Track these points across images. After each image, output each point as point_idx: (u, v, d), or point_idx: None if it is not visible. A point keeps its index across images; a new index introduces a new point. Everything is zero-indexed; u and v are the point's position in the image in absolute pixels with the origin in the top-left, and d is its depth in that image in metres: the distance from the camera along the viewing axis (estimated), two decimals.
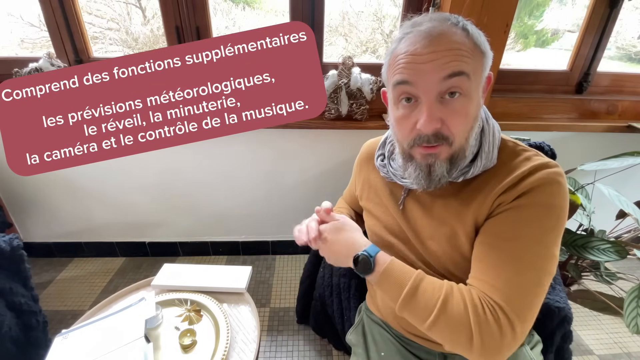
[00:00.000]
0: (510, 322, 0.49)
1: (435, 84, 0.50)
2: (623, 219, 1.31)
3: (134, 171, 1.52)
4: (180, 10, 1.27)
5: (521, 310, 0.50)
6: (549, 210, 0.52)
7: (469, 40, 0.51)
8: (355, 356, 0.80)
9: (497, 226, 0.55)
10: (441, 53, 0.49)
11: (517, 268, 0.51)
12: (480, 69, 0.52)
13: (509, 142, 0.60)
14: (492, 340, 0.49)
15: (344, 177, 0.99)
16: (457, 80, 0.50)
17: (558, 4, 1.63)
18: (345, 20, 1.58)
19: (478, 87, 0.53)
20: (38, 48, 1.51)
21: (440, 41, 0.49)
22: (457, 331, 0.51)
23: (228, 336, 0.77)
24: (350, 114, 1.37)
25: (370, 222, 0.75)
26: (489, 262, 0.54)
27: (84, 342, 0.73)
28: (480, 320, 0.49)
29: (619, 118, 1.54)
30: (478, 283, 0.54)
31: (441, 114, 0.52)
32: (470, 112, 0.53)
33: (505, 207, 0.54)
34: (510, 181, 0.54)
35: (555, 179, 0.53)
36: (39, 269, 1.62)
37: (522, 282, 0.51)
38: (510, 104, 1.48)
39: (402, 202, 0.67)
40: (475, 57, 0.51)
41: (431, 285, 0.54)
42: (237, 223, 1.69)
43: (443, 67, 0.49)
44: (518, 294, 0.50)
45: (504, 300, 0.50)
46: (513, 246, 0.52)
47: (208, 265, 0.99)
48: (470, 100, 0.52)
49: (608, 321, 1.42)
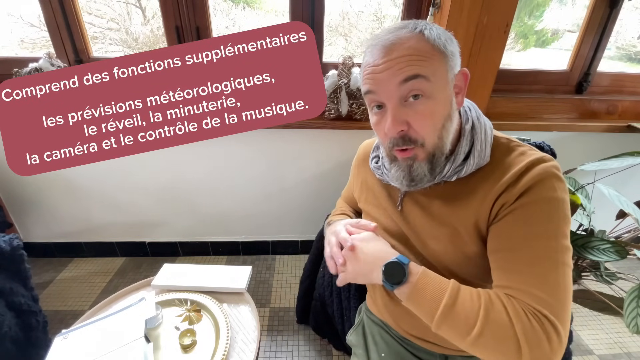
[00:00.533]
0: (554, 327, 0.47)
1: (394, 90, 0.53)
2: (623, 219, 1.31)
3: (134, 171, 1.52)
4: (180, 10, 1.27)
5: (561, 311, 0.48)
6: (553, 204, 0.52)
7: (424, 43, 0.52)
8: (356, 357, 0.80)
9: (508, 229, 0.53)
10: (395, 61, 0.52)
11: (543, 268, 0.50)
12: (442, 69, 0.54)
13: (501, 138, 0.60)
14: (540, 348, 0.46)
15: (343, 177, 0.99)
16: (414, 83, 0.52)
17: (558, 4, 1.63)
18: (345, 20, 1.58)
19: (444, 87, 0.54)
20: (38, 48, 1.51)
21: (394, 50, 0.53)
22: (503, 343, 0.47)
23: (228, 336, 0.77)
24: (350, 114, 1.37)
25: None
26: (513, 269, 0.52)
27: (84, 342, 0.73)
28: (526, 328, 0.47)
29: (619, 118, 1.54)
30: (509, 291, 0.51)
31: (406, 117, 0.54)
32: (435, 112, 0.54)
33: (510, 207, 0.53)
34: (509, 179, 0.54)
35: (554, 173, 0.53)
36: (39, 269, 1.62)
37: (552, 282, 0.49)
38: (510, 104, 1.48)
39: (400, 203, 0.67)
40: (433, 59, 0.52)
41: (469, 295, 0.51)
42: (237, 223, 1.69)
43: (397, 73, 0.52)
44: (553, 294, 0.49)
45: (542, 304, 0.48)
46: (533, 246, 0.51)
47: (208, 265, 0.99)
48: (434, 101, 0.53)
49: (608, 321, 1.42)
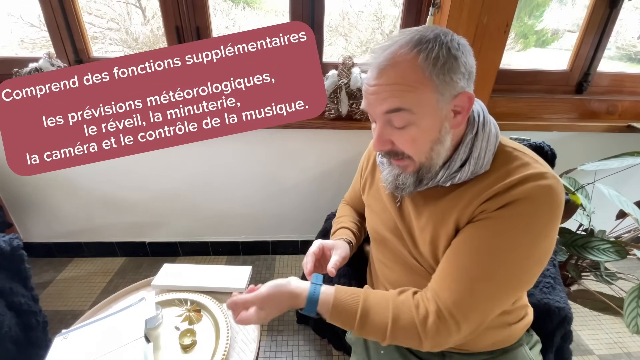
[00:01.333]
0: (458, 324, 0.53)
1: (379, 115, 0.55)
2: (623, 219, 1.31)
3: (134, 171, 1.52)
4: (180, 10, 1.27)
5: (469, 316, 0.53)
6: (529, 225, 0.52)
7: (414, 70, 0.50)
8: (355, 355, 0.80)
9: (473, 232, 0.55)
10: (382, 87, 0.52)
11: (478, 278, 0.53)
12: (428, 99, 0.52)
13: (506, 147, 0.59)
14: (439, 340, 0.55)
15: (344, 177, 0.99)
16: (395, 115, 0.53)
17: (558, 4, 1.63)
18: (345, 20, 1.58)
19: (430, 115, 0.53)
20: (38, 48, 1.51)
21: (384, 75, 0.52)
22: (409, 341, 0.56)
23: (228, 336, 0.77)
24: (350, 114, 1.37)
25: (370, 217, 0.77)
26: (453, 265, 0.56)
27: (84, 342, 0.73)
28: (427, 331, 0.54)
29: (619, 118, 1.54)
30: (439, 281, 0.57)
31: (391, 137, 0.56)
32: (419, 138, 0.55)
33: (487, 215, 0.54)
34: (498, 188, 0.53)
35: (547, 192, 0.51)
36: (39, 269, 1.62)
37: (478, 293, 0.53)
38: (510, 104, 1.48)
39: (399, 200, 0.68)
40: (419, 89, 0.51)
41: (378, 308, 0.58)
42: (237, 223, 1.69)
43: (382, 102, 0.53)
44: (471, 302, 0.53)
45: (455, 305, 0.53)
46: (481, 257, 0.54)
47: (208, 265, 0.99)
48: (417, 128, 0.54)
49: (608, 321, 1.42)
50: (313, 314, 0.59)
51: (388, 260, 0.73)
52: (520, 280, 0.55)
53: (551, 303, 0.81)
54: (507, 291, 0.55)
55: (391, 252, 0.71)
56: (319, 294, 0.59)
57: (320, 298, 0.59)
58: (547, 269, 0.90)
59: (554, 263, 0.93)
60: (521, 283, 0.55)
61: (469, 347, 0.67)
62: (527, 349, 0.70)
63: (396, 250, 0.69)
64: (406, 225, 0.66)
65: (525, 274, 0.54)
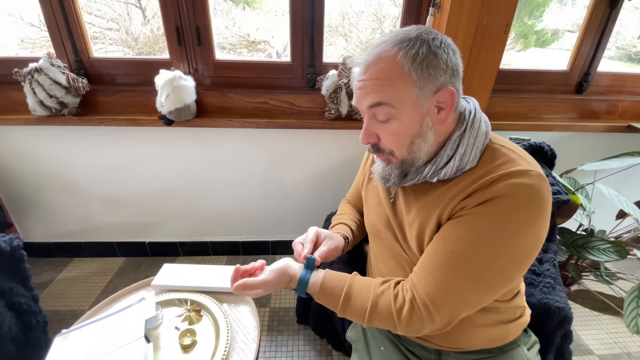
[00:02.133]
0: (431, 315, 0.56)
1: (365, 109, 0.58)
2: (623, 219, 1.31)
3: (134, 171, 1.52)
4: (180, 10, 1.27)
5: (441, 308, 0.56)
6: (504, 224, 0.52)
7: (394, 66, 0.53)
8: (356, 352, 0.80)
9: (452, 228, 0.57)
10: (366, 82, 0.56)
11: (453, 272, 0.55)
12: (408, 93, 0.53)
13: (495, 144, 0.59)
14: (412, 328, 0.58)
15: (344, 177, 0.99)
16: (377, 109, 0.56)
17: (558, 4, 1.63)
18: (345, 20, 1.58)
19: (410, 110, 0.55)
20: (38, 48, 1.51)
21: (368, 70, 0.56)
22: (385, 325, 0.61)
23: (228, 336, 0.77)
24: (350, 114, 1.37)
25: (367, 212, 0.79)
26: (430, 258, 0.59)
27: (84, 342, 0.73)
28: (402, 320, 0.58)
29: (619, 118, 1.54)
30: (417, 272, 0.60)
31: (376, 131, 0.60)
32: (400, 132, 0.57)
33: (466, 211, 0.55)
34: (479, 184, 0.54)
35: (527, 191, 0.51)
36: (39, 269, 1.62)
37: (452, 286, 0.56)
38: (510, 104, 1.48)
39: (393, 195, 0.70)
40: (398, 84, 0.53)
41: (360, 293, 0.63)
42: (237, 223, 1.69)
43: (365, 97, 0.57)
44: (444, 294, 0.56)
45: (429, 296, 0.57)
46: (457, 252, 0.55)
47: (208, 265, 0.99)
48: (399, 122, 0.56)
49: (608, 321, 1.42)
50: (303, 294, 0.66)
51: (382, 255, 0.74)
52: (499, 277, 0.55)
53: (551, 303, 0.81)
54: (484, 287, 0.56)
55: (385, 246, 0.73)
56: (309, 278, 0.66)
57: (310, 281, 0.66)
58: (547, 269, 0.90)
59: (554, 263, 0.93)
60: (496, 281, 0.56)
61: (463, 345, 0.68)
62: (524, 349, 0.70)
63: (389, 244, 0.71)
64: (398, 220, 0.69)
65: (500, 272, 0.55)
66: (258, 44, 1.65)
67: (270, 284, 0.65)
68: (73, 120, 1.31)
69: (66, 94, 1.27)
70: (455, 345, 0.68)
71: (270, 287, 0.66)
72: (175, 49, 1.34)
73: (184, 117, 1.31)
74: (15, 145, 1.43)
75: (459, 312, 0.57)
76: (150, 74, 1.28)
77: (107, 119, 1.33)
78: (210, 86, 1.41)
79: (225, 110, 1.42)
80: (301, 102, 1.41)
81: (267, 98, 1.40)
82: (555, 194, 0.96)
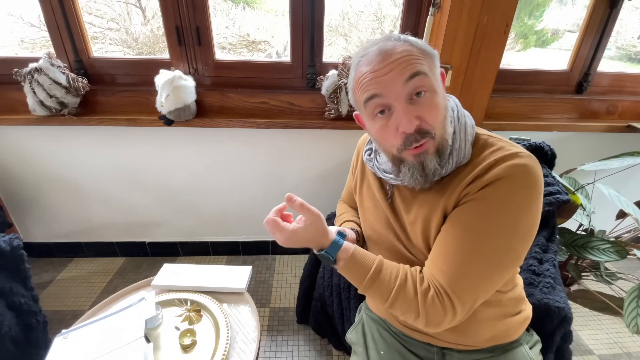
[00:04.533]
0: (452, 304, 0.56)
1: (401, 89, 0.55)
2: (623, 219, 1.31)
3: (134, 171, 1.52)
4: (180, 10, 1.27)
5: (461, 294, 0.56)
6: (510, 203, 0.55)
7: (414, 47, 0.56)
8: (356, 355, 0.80)
9: (458, 215, 0.59)
10: (396, 62, 0.55)
11: (467, 257, 0.56)
12: (433, 67, 0.58)
13: (482, 135, 0.63)
14: (435, 317, 0.57)
15: (344, 177, 0.99)
16: (418, 79, 0.55)
17: (558, 4, 1.63)
18: (345, 20, 1.58)
19: (439, 82, 0.58)
20: (38, 48, 1.51)
21: (392, 54, 0.55)
22: (408, 311, 0.59)
23: (228, 336, 0.77)
24: (350, 114, 1.37)
25: (364, 216, 0.79)
26: (443, 248, 0.59)
27: (84, 342, 0.73)
28: (426, 305, 0.57)
29: (619, 118, 1.54)
30: (431, 265, 0.60)
31: (416, 112, 0.56)
32: (439, 104, 0.57)
33: (470, 197, 0.57)
34: (477, 172, 0.57)
35: (523, 171, 0.55)
36: (39, 269, 1.62)
37: (468, 271, 0.56)
38: (510, 104, 1.48)
39: (390, 196, 0.71)
40: (426, 58, 0.57)
41: (388, 276, 0.61)
42: (237, 223, 1.69)
43: (402, 72, 0.55)
44: (462, 280, 0.56)
45: (449, 284, 0.57)
46: (466, 235, 0.56)
47: (208, 265, 0.99)
48: (435, 94, 0.57)
49: (608, 321, 1.42)
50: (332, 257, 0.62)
51: (385, 257, 0.73)
52: (507, 257, 0.57)
53: (551, 303, 0.81)
54: (496, 268, 0.57)
55: (387, 248, 0.73)
56: (342, 242, 0.63)
57: (342, 245, 0.63)
58: (547, 269, 0.90)
59: (554, 263, 0.93)
60: (509, 260, 0.57)
61: (469, 341, 0.68)
62: (527, 348, 0.70)
63: (391, 245, 0.71)
64: (398, 220, 0.69)
65: (511, 250, 0.56)
66: (258, 44, 1.65)
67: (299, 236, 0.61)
68: (73, 120, 1.31)
69: (66, 94, 1.27)
70: (462, 342, 0.68)
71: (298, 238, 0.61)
72: (175, 49, 1.34)
73: (184, 117, 1.31)
74: (15, 145, 1.43)
75: (477, 298, 0.58)
76: (150, 74, 1.28)
77: (107, 119, 1.33)
78: (210, 86, 1.41)
79: (225, 110, 1.42)
80: (301, 102, 1.41)
81: (267, 98, 1.40)
82: (555, 194, 0.96)
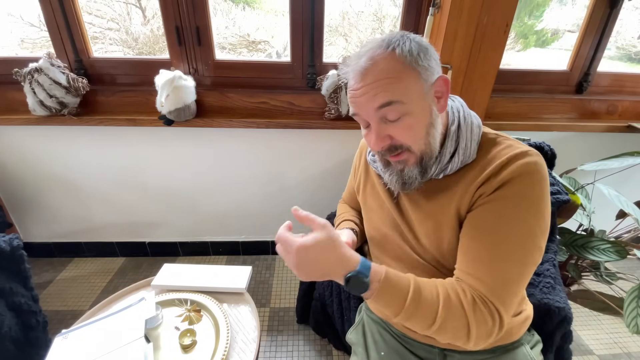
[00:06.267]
0: (498, 312, 0.54)
1: (372, 113, 0.56)
2: (623, 219, 1.31)
3: (134, 171, 1.52)
4: (180, 10, 1.27)
5: (505, 300, 0.55)
6: (528, 201, 0.55)
7: (395, 63, 0.54)
8: (356, 355, 0.80)
9: (478, 219, 0.58)
10: (369, 86, 0.54)
11: (499, 261, 0.55)
12: (415, 85, 0.55)
13: (489, 134, 0.63)
14: (485, 329, 0.54)
15: (343, 177, 0.99)
16: (388, 109, 0.55)
17: (558, 4, 1.63)
18: (345, 20, 1.58)
19: (420, 101, 0.56)
20: (38, 48, 1.51)
21: (368, 74, 0.54)
22: (460, 330, 0.54)
23: (228, 336, 0.77)
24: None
25: (368, 217, 0.78)
26: (473, 255, 0.58)
27: (84, 342, 0.73)
28: (476, 317, 0.54)
29: (619, 118, 1.54)
30: (464, 276, 0.58)
31: (388, 132, 0.58)
32: (415, 125, 0.57)
33: (486, 199, 0.57)
34: (490, 171, 0.57)
35: (535, 168, 0.55)
36: (39, 269, 1.62)
37: (504, 275, 0.55)
38: (510, 104, 1.48)
39: (396, 195, 0.70)
40: (404, 78, 0.54)
41: (429, 294, 0.55)
42: (237, 223, 1.69)
43: (373, 99, 0.55)
44: (502, 285, 0.55)
45: (490, 292, 0.55)
46: (495, 240, 0.56)
47: (208, 265, 0.99)
48: (411, 116, 0.56)
49: (608, 321, 1.42)
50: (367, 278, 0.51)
51: (389, 259, 0.73)
52: (534, 253, 0.56)
53: (551, 303, 0.81)
54: (528, 268, 0.56)
55: (392, 249, 0.72)
56: (370, 263, 0.54)
57: (372, 266, 0.53)
58: (547, 269, 0.90)
59: (554, 263, 0.93)
60: (535, 257, 0.56)
61: None
62: (528, 348, 0.70)
63: (397, 246, 0.70)
64: (405, 220, 0.69)
65: (538, 248, 0.56)
66: (258, 44, 1.65)
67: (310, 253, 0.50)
68: (73, 120, 1.31)
69: (66, 94, 1.27)
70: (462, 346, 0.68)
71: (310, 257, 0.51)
72: (175, 49, 1.34)
73: (184, 117, 1.31)
74: (15, 145, 1.43)
75: (517, 301, 0.57)
76: (150, 74, 1.28)
77: (107, 119, 1.33)
78: (210, 86, 1.41)
79: (225, 110, 1.42)
80: (301, 102, 1.41)
81: (267, 98, 1.40)
82: (555, 194, 0.96)
